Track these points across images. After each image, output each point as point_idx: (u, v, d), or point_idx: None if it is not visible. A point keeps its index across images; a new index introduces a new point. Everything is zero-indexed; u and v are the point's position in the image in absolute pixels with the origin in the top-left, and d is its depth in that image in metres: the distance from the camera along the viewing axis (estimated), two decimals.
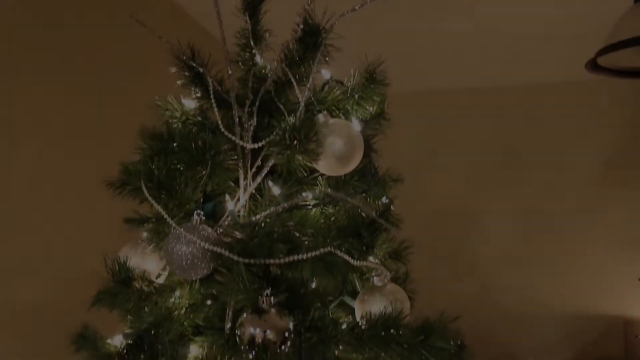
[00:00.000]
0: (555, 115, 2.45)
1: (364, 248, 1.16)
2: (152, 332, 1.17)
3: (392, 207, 1.22)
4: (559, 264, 2.40)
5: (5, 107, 1.92)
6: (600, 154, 2.37)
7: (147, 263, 1.18)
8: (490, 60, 2.38)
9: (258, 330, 1.02)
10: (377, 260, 1.21)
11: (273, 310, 1.04)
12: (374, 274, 1.17)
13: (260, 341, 1.01)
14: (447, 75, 2.44)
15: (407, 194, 1.38)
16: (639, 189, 2.31)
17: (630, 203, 2.32)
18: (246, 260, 0.99)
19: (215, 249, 1.01)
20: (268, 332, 1.02)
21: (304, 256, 1.03)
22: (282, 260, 1.01)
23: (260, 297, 1.04)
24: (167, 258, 1.04)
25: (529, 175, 2.47)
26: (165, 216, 1.06)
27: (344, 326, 1.12)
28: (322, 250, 1.05)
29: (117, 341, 1.19)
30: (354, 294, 1.24)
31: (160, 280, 1.17)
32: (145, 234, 1.22)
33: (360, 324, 1.10)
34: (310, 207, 1.18)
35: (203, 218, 1.07)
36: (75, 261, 1.94)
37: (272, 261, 1.00)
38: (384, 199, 1.25)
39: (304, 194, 1.21)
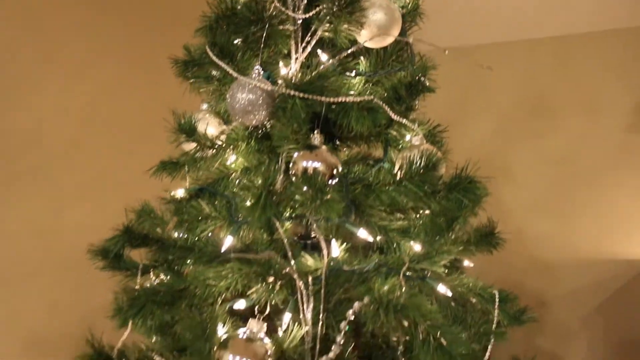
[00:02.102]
0: (587, 65, 2.59)
1: (404, 108, 1.32)
2: (212, 186, 1.34)
3: (426, 82, 1.37)
4: (591, 211, 2.50)
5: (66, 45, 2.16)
6: (634, 102, 2.48)
7: (208, 128, 1.36)
8: (519, 12, 2.56)
9: (310, 163, 1.18)
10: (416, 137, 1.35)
11: (324, 147, 1.21)
12: (411, 135, 1.33)
13: (311, 172, 1.18)
14: (477, 29, 2.62)
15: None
16: None
17: None
18: (301, 95, 1.16)
19: (273, 88, 1.18)
20: (319, 164, 1.18)
21: (352, 99, 1.21)
22: (332, 99, 1.18)
23: (311, 135, 1.21)
24: (230, 104, 1.22)
25: (562, 125, 2.59)
26: (230, 70, 1.24)
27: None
28: (366, 97, 1.22)
29: (179, 193, 1.36)
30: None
31: (221, 140, 1.34)
32: (205, 105, 1.40)
33: (399, 173, 1.25)
34: (354, 76, 1.36)
35: (262, 72, 1.25)
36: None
37: (324, 98, 1.17)
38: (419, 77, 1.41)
39: (347, 73, 1.39)
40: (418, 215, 1.39)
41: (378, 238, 1.34)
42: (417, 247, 1.32)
